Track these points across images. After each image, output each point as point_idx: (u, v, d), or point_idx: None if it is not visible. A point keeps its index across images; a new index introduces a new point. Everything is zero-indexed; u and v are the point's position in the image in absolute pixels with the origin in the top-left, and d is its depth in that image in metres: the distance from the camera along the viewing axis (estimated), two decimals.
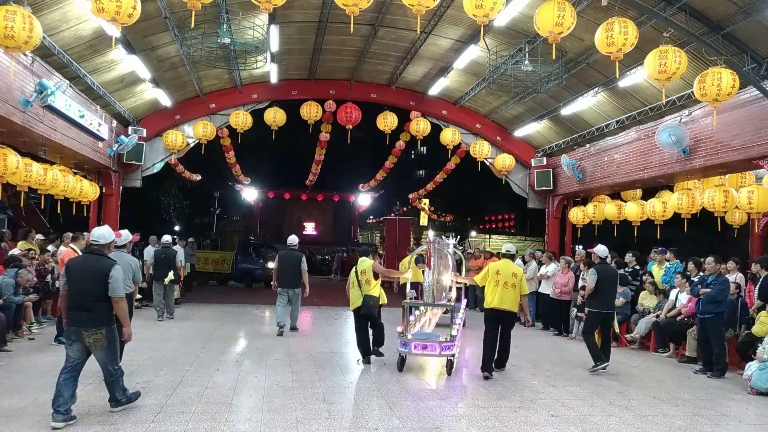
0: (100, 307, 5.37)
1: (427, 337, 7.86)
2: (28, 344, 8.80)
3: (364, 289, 8.18)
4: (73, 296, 5.38)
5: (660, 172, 12.63)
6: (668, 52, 8.45)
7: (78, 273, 5.40)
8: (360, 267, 8.30)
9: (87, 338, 5.33)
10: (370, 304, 8.14)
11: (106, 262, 5.46)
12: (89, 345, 5.38)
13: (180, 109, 16.55)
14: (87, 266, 5.45)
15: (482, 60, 13.51)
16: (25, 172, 11.06)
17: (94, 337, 5.35)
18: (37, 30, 7.66)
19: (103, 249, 5.62)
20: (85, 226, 15.34)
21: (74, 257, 6.26)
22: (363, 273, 8.23)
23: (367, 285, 8.19)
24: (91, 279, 5.34)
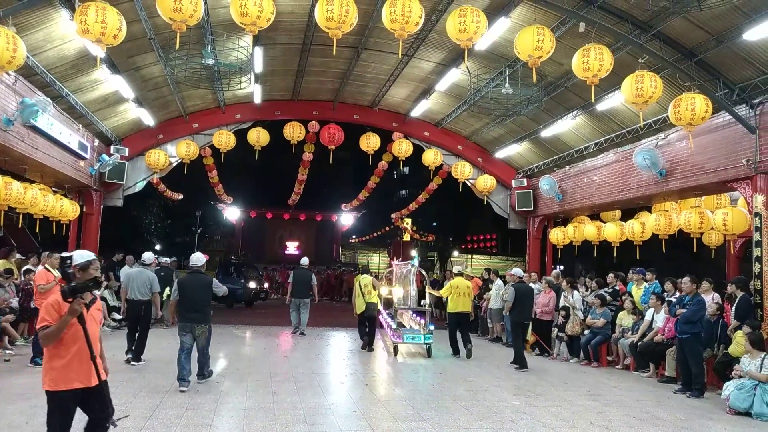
0: (206, 310, 7.66)
1: (413, 332, 11.13)
2: (3, 366, 8.62)
3: (367, 298, 11.40)
4: (188, 303, 7.52)
5: (638, 194, 12.91)
6: (644, 77, 8.73)
7: (191, 286, 7.56)
8: (363, 281, 11.51)
9: (198, 330, 7.52)
10: (371, 309, 11.53)
11: (208, 278, 7.83)
12: (198, 335, 7.53)
13: (163, 129, 16.53)
14: (196, 281, 7.64)
15: (464, 83, 13.75)
16: (5, 191, 10.93)
17: (202, 330, 7.56)
18: (20, 50, 7.67)
19: (201, 269, 7.75)
20: (64, 245, 15.14)
21: (183, 276, 8.05)
22: (365, 286, 11.43)
23: (368, 295, 11.42)
24: (200, 290, 7.58)
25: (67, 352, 3.74)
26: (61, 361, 3.71)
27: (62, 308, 3.68)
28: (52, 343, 3.69)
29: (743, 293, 9.08)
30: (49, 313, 3.71)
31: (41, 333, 3.68)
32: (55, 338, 3.67)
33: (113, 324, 13.40)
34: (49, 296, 8.79)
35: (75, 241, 15.64)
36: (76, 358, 3.74)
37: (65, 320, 3.65)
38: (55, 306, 3.73)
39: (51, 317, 3.69)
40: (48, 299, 3.83)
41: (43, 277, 8.91)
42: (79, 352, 3.75)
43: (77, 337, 3.73)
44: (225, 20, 10.86)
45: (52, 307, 3.73)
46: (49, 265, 9.15)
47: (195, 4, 7.32)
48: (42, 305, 3.80)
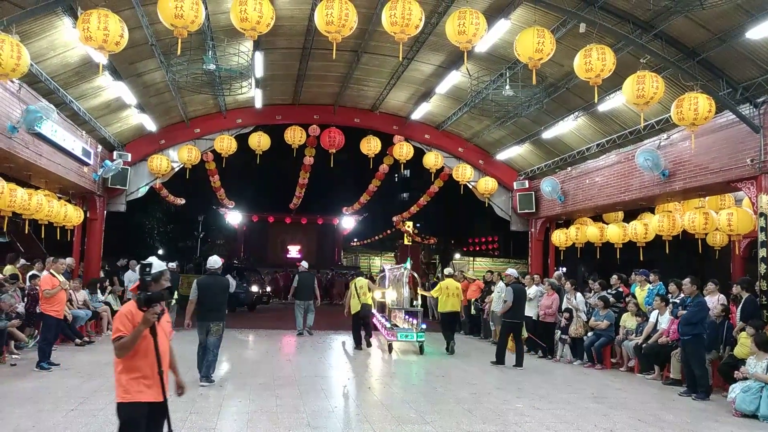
0: (222, 309, 8.26)
1: (406, 331, 11.70)
2: (10, 370, 8.65)
3: (362, 299, 11.99)
4: (207, 302, 8.04)
5: (641, 195, 12.87)
6: (645, 78, 8.71)
7: (209, 287, 8.13)
8: (358, 284, 12.25)
9: (213, 327, 7.98)
10: (366, 309, 12.17)
11: (225, 279, 8.59)
12: (212, 333, 7.97)
13: (165, 134, 16.56)
14: (214, 282, 8.24)
15: (464, 85, 13.76)
16: (10, 197, 10.97)
17: (217, 327, 8.02)
18: (24, 58, 7.69)
19: (218, 271, 8.42)
20: (69, 250, 15.18)
21: (201, 278, 8.54)
22: (361, 288, 12.12)
23: (363, 296, 12.04)
24: (217, 290, 8.19)
25: (139, 364, 3.60)
26: (133, 373, 3.59)
27: (135, 318, 3.56)
28: (126, 354, 3.54)
29: (749, 294, 9.03)
30: (123, 324, 3.57)
31: (116, 344, 3.55)
32: (129, 349, 3.52)
33: None
34: (58, 299, 8.90)
35: (79, 247, 15.67)
36: (148, 372, 3.61)
37: (139, 330, 3.51)
38: (129, 316, 3.59)
39: (125, 327, 3.55)
40: (121, 309, 3.71)
41: (48, 282, 8.97)
42: (151, 366, 3.62)
43: (149, 350, 3.59)
44: (225, 26, 10.88)
45: (125, 317, 3.59)
46: (53, 270, 9.20)
47: (196, 10, 7.34)
48: (117, 315, 3.67)
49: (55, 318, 9.02)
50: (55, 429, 5.78)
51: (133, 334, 3.51)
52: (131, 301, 3.66)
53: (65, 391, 7.40)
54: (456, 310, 12.18)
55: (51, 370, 8.67)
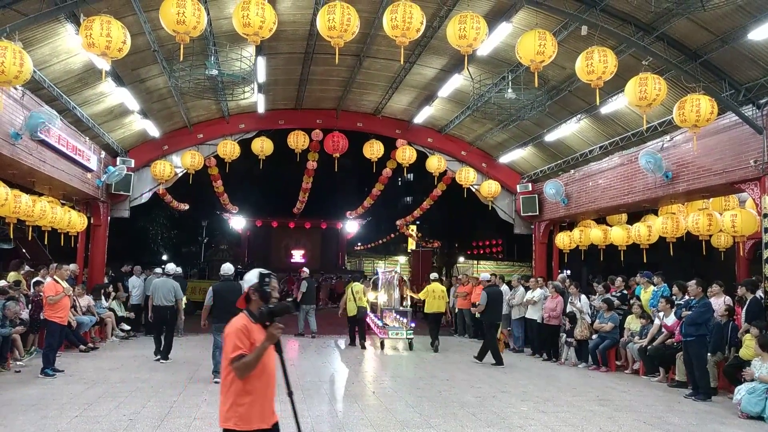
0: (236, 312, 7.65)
1: (396, 329, 12.78)
2: (15, 377, 8.68)
3: (358, 303, 12.94)
4: (222, 306, 8.47)
5: (644, 197, 12.84)
6: (648, 80, 8.70)
7: (224, 292, 8.66)
8: (355, 288, 13.17)
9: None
10: (361, 312, 13.12)
11: (238, 285, 8.25)
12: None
13: (168, 140, 16.61)
14: (229, 288, 8.74)
15: (466, 88, 13.76)
16: (14, 204, 11.00)
17: None
18: (27, 65, 7.73)
19: (230, 277, 9.08)
20: (73, 256, 15.22)
21: (216, 284, 9.15)
22: (357, 292, 13.05)
23: (359, 300, 12.96)
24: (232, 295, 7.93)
25: (253, 386, 3.25)
26: (248, 397, 3.23)
27: (252, 334, 3.23)
28: (248, 374, 3.19)
29: (753, 295, 9.00)
30: (240, 340, 3.19)
31: (236, 363, 3.15)
32: (252, 368, 3.17)
33: (122, 334, 13.45)
34: (61, 306, 8.93)
35: (83, 253, 15.71)
36: (260, 394, 3.29)
37: (263, 347, 3.17)
38: (245, 331, 3.23)
39: (244, 345, 3.18)
40: (235, 324, 3.28)
41: (51, 289, 8.99)
42: (263, 388, 3.30)
43: (264, 369, 3.27)
44: (228, 31, 10.91)
45: (242, 333, 3.22)
46: (57, 277, 9.23)
47: (198, 16, 7.37)
48: (231, 331, 3.25)
49: (58, 324, 9.04)
50: None
51: (257, 351, 3.17)
52: (242, 315, 3.33)
53: (69, 397, 7.42)
54: (441, 311, 13.31)
55: (55, 376, 8.69)
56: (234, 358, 3.17)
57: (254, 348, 3.19)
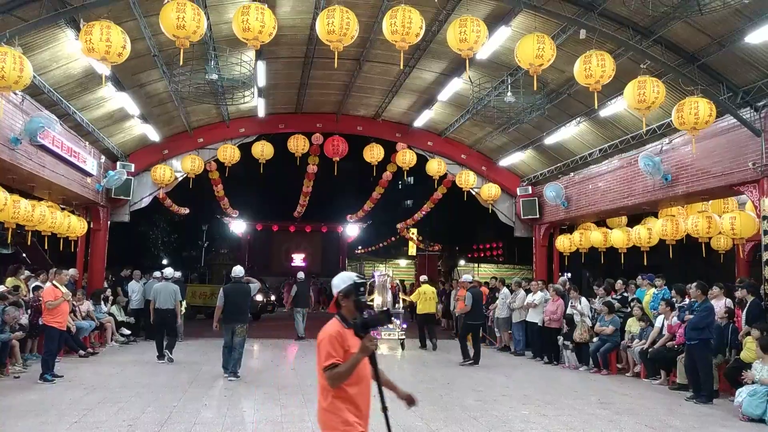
0: (245, 312, 9.50)
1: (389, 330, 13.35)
2: (13, 383, 8.65)
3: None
4: (231, 307, 9.24)
5: (643, 199, 12.85)
6: (646, 83, 8.72)
7: (234, 293, 9.36)
8: None
9: (238, 328, 9.16)
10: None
11: (247, 286, 9.55)
12: (237, 333, 9.14)
13: (168, 144, 16.63)
14: (239, 289, 9.42)
15: (466, 92, 13.78)
16: (13, 209, 11.01)
17: (241, 328, 9.21)
18: (27, 70, 7.74)
19: (241, 279, 9.54)
20: (73, 261, 15.22)
21: (227, 286, 9.67)
22: None
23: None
24: (241, 296, 9.38)
25: (351, 394, 3.18)
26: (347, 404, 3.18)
27: (346, 341, 3.13)
28: (341, 383, 3.12)
29: (754, 298, 8.99)
30: (334, 348, 3.11)
31: (329, 373, 3.09)
32: (345, 378, 3.10)
33: (122, 339, 13.44)
34: (60, 311, 8.91)
35: (83, 258, 15.70)
36: (357, 403, 3.20)
37: (356, 359, 3.08)
38: (338, 338, 3.13)
39: (338, 353, 3.10)
40: (329, 331, 3.18)
41: (50, 294, 8.97)
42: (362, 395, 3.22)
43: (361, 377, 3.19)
44: (227, 35, 10.94)
45: (336, 341, 3.13)
46: (56, 282, 9.22)
47: (198, 21, 7.39)
48: (324, 338, 3.17)
49: (57, 329, 8.99)
50: None
51: (350, 362, 3.08)
52: (334, 321, 3.22)
53: (69, 403, 7.40)
54: (432, 311, 14.16)
55: (54, 382, 8.66)
56: (327, 366, 3.09)
57: (349, 354, 3.11)
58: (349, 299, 3.28)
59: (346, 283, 3.31)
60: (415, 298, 14.26)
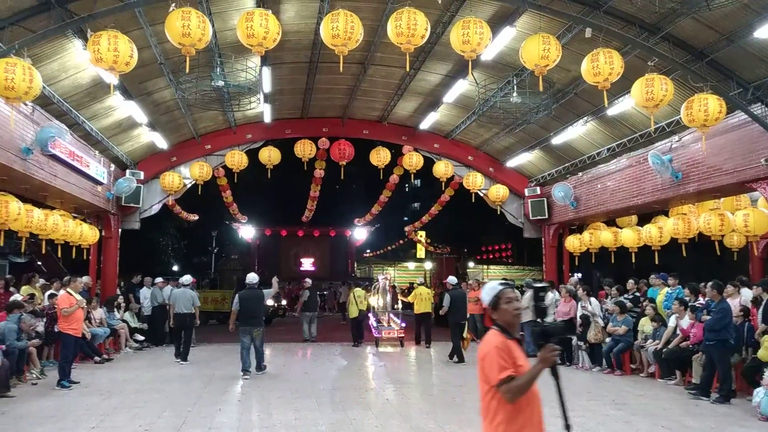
0: (261, 316, 10.32)
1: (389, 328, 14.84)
2: (31, 389, 8.75)
3: (359, 306, 14.81)
4: (247, 311, 9.92)
5: (654, 198, 12.76)
6: (654, 80, 8.66)
7: (249, 298, 10.02)
8: (357, 294, 14.92)
9: (255, 332, 9.90)
10: (362, 314, 15.09)
11: (261, 292, 10.39)
12: (255, 336, 9.90)
13: (176, 151, 16.72)
14: (254, 295, 10.14)
15: (471, 93, 13.77)
16: (27, 218, 11.11)
17: (258, 332, 9.95)
18: (36, 80, 7.82)
19: (255, 285, 10.29)
20: (86, 269, 15.32)
21: (243, 292, 10.21)
22: (359, 297, 14.85)
23: (360, 304, 14.83)
24: (256, 301, 10.12)
25: (521, 411, 2.88)
26: (517, 424, 2.87)
27: (512, 351, 2.86)
28: (520, 398, 2.83)
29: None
30: (504, 359, 2.82)
31: (506, 386, 2.78)
32: (525, 392, 2.81)
33: (135, 345, 13.52)
34: (75, 318, 9.02)
35: (96, 265, 15.80)
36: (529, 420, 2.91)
37: (537, 370, 2.80)
38: (505, 349, 2.85)
39: (509, 364, 2.82)
40: (492, 342, 2.90)
41: (65, 301, 9.08)
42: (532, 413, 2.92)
43: (534, 395, 2.91)
44: (232, 42, 10.99)
45: (503, 351, 2.84)
46: (71, 289, 9.31)
47: (203, 29, 7.43)
48: (490, 349, 2.87)
49: (73, 336, 9.12)
50: None
51: (530, 374, 2.80)
52: (495, 333, 2.96)
53: (85, 408, 7.45)
54: (428, 311, 14.88)
55: (71, 388, 8.75)
56: (503, 380, 2.78)
57: (519, 368, 2.83)
58: (498, 310, 3.01)
59: (491, 295, 3.06)
60: (412, 299, 15.07)
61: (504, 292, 3.03)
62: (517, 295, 3.07)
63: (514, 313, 2.98)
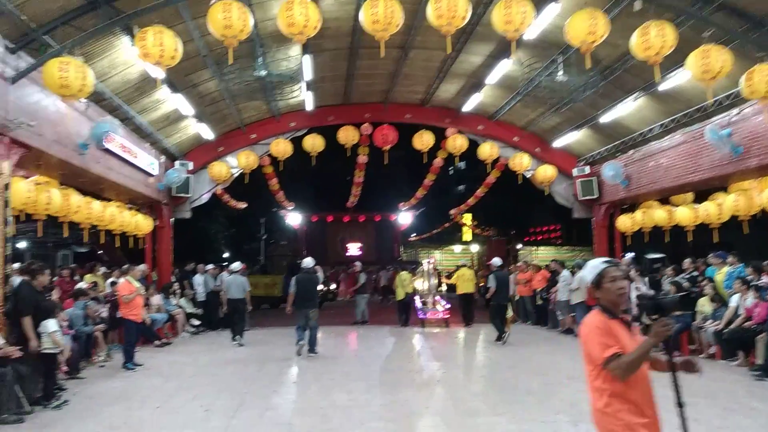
0: (315, 298, 10.89)
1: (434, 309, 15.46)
2: (99, 371, 9.26)
3: (406, 289, 15.46)
4: (303, 294, 10.61)
5: (711, 174, 12.20)
6: (711, 52, 8.23)
7: (305, 281, 10.72)
8: (403, 277, 15.51)
9: (311, 313, 10.46)
10: (409, 297, 15.62)
11: (316, 276, 11.11)
12: (311, 318, 10.45)
13: (223, 141, 17.07)
14: (309, 278, 10.83)
15: (515, 73, 13.47)
16: (87, 210, 11.66)
17: (314, 313, 10.51)
18: (89, 78, 8.10)
19: (311, 269, 10.94)
20: (143, 257, 15.95)
21: (299, 275, 10.85)
22: (404, 280, 15.42)
23: (407, 287, 15.46)
24: (311, 284, 10.85)
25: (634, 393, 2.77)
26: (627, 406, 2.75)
27: (613, 330, 2.77)
28: (632, 375, 2.71)
29: None
30: (608, 338, 2.74)
31: (615, 363, 2.68)
32: (637, 368, 2.70)
33: (191, 330, 14.02)
34: (135, 304, 9.51)
35: (151, 254, 16.40)
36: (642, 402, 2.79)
37: (649, 344, 2.68)
38: (606, 329, 2.77)
39: (614, 341, 2.73)
40: (593, 322, 2.84)
41: (125, 288, 9.58)
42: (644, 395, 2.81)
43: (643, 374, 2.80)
44: (273, 32, 11.07)
45: (604, 331, 2.77)
46: (130, 277, 9.78)
47: (243, 20, 7.50)
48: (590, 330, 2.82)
49: (134, 322, 9.66)
50: (143, 426, 6.13)
51: (641, 348, 2.70)
52: (595, 313, 2.89)
53: (150, 390, 7.83)
54: (470, 291, 15.45)
55: (135, 370, 9.24)
56: (610, 357, 2.70)
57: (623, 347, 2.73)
58: (601, 288, 2.91)
59: (594, 273, 2.95)
60: (455, 280, 15.64)
61: (607, 271, 2.93)
62: (622, 273, 2.95)
63: (619, 293, 2.88)
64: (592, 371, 2.83)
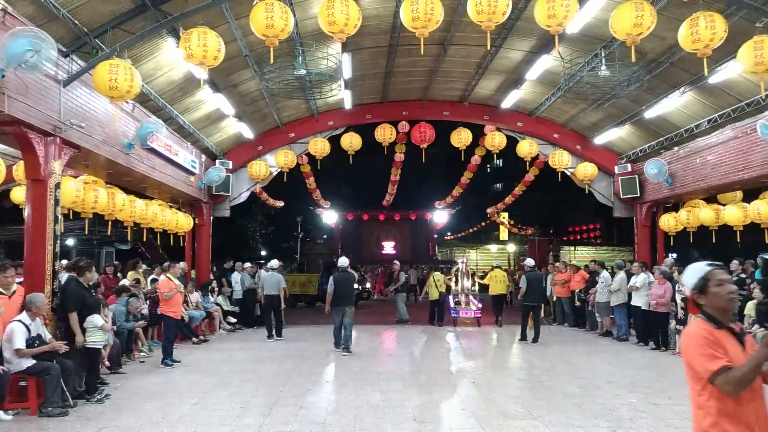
0: (351, 296, 11.18)
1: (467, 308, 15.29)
2: (140, 366, 9.49)
3: (439, 289, 15.36)
4: (340, 291, 10.78)
5: (763, 172, 11.67)
6: (764, 43, 7.87)
7: (341, 281, 10.89)
8: (436, 277, 15.48)
9: (347, 310, 10.69)
10: (442, 297, 15.46)
11: (352, 274, 11.41)
12: (347, 315, 10.66)
13: (262, 140, 17.33)
14: (346, 277, 11.03)
15: (556, 69, 13.21)
16: (130, 209, 12.01)
17: (350, 310, 10.74)
18: (137, 80, 8.33)
19: (347, 269, 11.22)
20: (183, 255, 16.34)
21: (336, 274, 11.04)
22: (438, 280, 15.37)
23: (440, 287, 15.40)
24: (348, 283, 11.04)
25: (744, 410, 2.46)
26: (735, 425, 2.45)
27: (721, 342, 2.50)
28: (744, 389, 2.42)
29: None
30: (715, 349, 2.46)
31: (723, 378, 2.41)
32: (747, 383, 2.41)
33: (228, 327, 14.27)
34: (175, 301, 9.72)
35: (191, 251, 16.79)
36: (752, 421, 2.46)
37: (761, 355, 2.39)
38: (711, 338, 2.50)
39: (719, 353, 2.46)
40: (695, 331, 2.57)
41: (166, 286, 9.76)
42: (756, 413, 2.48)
43: (758, 389, 2.49)
44: (313, 31, 11.18)
45: (709, 341, 2.49)
46: (170, 274, 9.98)
47: (285, 19, 7.59)
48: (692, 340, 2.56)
49: (173, 318, 9.84)
50: (182, 421, 6.24)
51: (754, 359, 2.40)
52: (699, 322, 2.62)
53: (187, 386, 7.99)
54: (503, 292, 15.81)
55: (174, 366, 9.41)
56: (718, 370, 2.42)
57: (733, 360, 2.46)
58: (707, 294, 2.63)
59: (697, 277, 2.68)
60: (488, 281, 15.78)
61: (714, 273, 2.65)
62: (730, 276, 2.68)
63: (728, 297, 2.60)
64: (695, 386, 2.56)
